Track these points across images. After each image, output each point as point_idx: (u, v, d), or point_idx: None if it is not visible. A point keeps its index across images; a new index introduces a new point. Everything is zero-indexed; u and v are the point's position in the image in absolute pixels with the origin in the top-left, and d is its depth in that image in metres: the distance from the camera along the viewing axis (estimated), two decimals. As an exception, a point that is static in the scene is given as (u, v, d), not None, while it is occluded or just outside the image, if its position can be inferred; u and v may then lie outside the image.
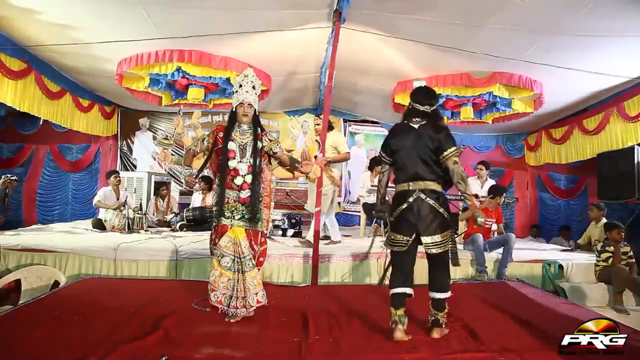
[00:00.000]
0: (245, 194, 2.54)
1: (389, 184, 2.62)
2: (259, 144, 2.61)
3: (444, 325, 2.39)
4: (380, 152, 2.59)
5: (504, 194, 4.65)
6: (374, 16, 3.89)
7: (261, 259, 2.80)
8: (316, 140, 4.22)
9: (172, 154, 7.45)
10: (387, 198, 2.71)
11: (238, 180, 2.54)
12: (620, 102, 5.09)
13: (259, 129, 2.66)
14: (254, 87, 2.64)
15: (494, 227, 4.45)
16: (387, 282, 2.48)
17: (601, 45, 3.98)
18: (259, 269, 2.76)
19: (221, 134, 2.63)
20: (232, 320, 2.48)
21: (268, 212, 2.81)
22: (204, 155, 2.72)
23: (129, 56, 4.71)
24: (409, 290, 2.35)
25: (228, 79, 4.94)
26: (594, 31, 3.69)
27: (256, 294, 2.54)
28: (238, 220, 2.55)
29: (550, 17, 3.59)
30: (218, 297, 2.51)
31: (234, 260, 2.52)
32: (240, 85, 2.62)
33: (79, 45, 4.43)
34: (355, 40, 4.31)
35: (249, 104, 2.60)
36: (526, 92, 5.00)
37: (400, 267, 2.42)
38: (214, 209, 2.60)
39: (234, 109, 2.63)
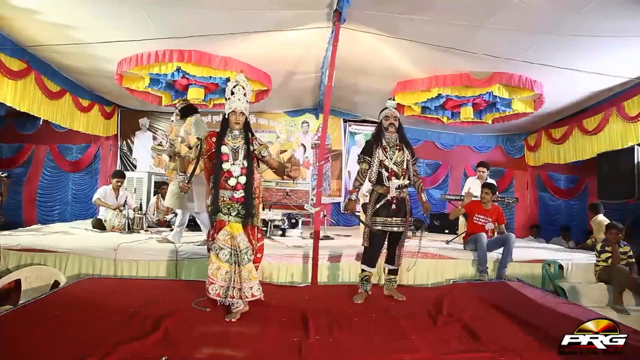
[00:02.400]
0: (239, 194, 2.68)
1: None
2: (251, 147, 2.75)
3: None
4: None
5: (496, 191, 4.66)
6: (374, 16, 3.89)
7: (259, 255, 2.90)
8: (302, 144, 4.16)
9: (175, 157, 7.44)
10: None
11: (232, 182, 2.67)
12: (620, 102, 5.10)
13: (249, 133, 2.79)
14: (245, 95, 2.74)
15: (489, 226, 4.44)
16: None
17: (601, 45, 3.98)
18: (257, 266, 2.85)
19: (214, 139, 2.76)
20: (232, 320, 2.51)
21: (258, 211, 2.93)
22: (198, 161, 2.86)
23: (129, 56, 4.71)
24: None
25: (228, 79, 4.93)
26: (594, 31, 3.70)
27: (251, 287, 2.63)
28: (234, 216, 2.68)
29: (550, 17, 3.59)
30: (216, 290, 2.60)
31: (231, 253, 2.63)
32: (232, 93, 2.72)
33: (79, 45, 4.43)
34: (355, 40, 4.31)
35: (240, 112, 2.71)
36: (526, 93, 5.01)
37: None
38: (210, 208, 2.72)
39: (226, 116, 2.75)
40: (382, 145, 3.12)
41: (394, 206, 3.05)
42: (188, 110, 4.14)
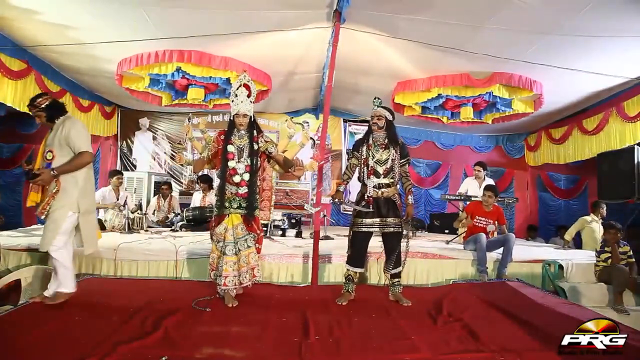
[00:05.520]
0: (243, 190, 2.85)
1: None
2: (255, 146, 2.90)
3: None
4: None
5: (498, 194, 4.65)
6: (374, 16, 3.89)
7: (258, 245, 3.02)
8: (311, 138, 4.20)
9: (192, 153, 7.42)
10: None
11: (236, 178, 2.84)
12: (620, 102, 5.10)
13: (255, 132, 2.93)
14: (248, 96, 2.87)
15: (490, 227, 4.43)
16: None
17: (601, 45, 3.98)
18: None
19: (222, 137, 2.92)
20: (232, 305, 2.73)
21: (269, 204, 3.02)
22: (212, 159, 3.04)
23: (129, 56, 4.71)
24: None
25: (228, 79, 4.94)
26: (594, 31, 3.70)
27: (252, 268, 2.84)
28: (235, 208, 2.85)
29: (550, 17, 3.60)
30: (215, 276, 2.85)
31: (227, 245, 2.80)
32: (236, 95, 2.86)
33: (79, 45, 4.44)
34: (355, 40, 4.31)
35: (244, 115, 2.87)
36: (526, 93, 5.01)
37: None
38: (215, 199, 2.93)
39: (231, 118, 2.91)
40: (368, 143, 3.13)
41: (371, 206, 3.01)
42: (54, 111, 2.75)
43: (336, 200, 3.24)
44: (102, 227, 5.10)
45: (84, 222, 2.73)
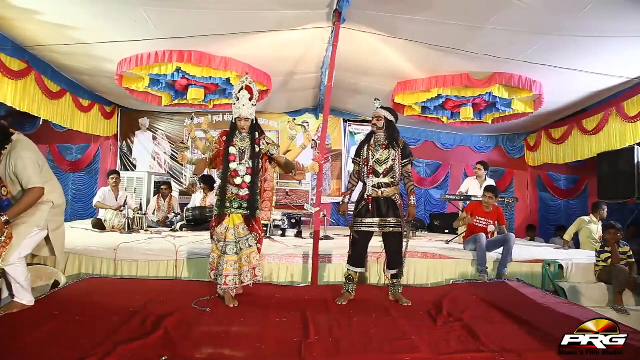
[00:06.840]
0: (244, 192, 2.85)
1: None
2: (257, 148, 2.90)
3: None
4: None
5: (498, 194, 4.64)
6: (374, 16, 3.89)
7: (258, 245, 3.03)
8: (313, 140, 4.22)
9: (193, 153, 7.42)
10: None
11: (237, 180, 2.85)
12: (620, 102, 5.10)
13: (256, 134, 2.93)
14: (250, 99, 2.88)
15: (491, 228, 4.43)
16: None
17: (601, 45, 3.98)
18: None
19: (224, 138, 2.93)
20: (233, 305, 2.73)
21: (270, 205, 3.02)
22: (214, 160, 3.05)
23: (128, 56, 4.71)
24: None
25: (228, 80, 4.94)
26: (594, 31, 3.70)
27: (254, 268, 2.83)
28: (237, 208, 2.87)
29: (550, 17, 3.60)
30: (215, 275, 2.85)
31: (228, 244, 2.81)
32: (238, 99, 2.85)
33: (79, 45, 4.43)
34: (355, 40, 4.31)
35: (245, 118, 2.87)
36: (526, 93, 5.01)
37: None
38: (216, 199, 2.93)
39: (233, 120, 2.92)
40: (369, 143, 3.16)
41: (370, 206, 3.02)
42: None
43: (341, 212, 3.33)
44: (102, 227, 5.12)
45: (55, 237, 2.64)
